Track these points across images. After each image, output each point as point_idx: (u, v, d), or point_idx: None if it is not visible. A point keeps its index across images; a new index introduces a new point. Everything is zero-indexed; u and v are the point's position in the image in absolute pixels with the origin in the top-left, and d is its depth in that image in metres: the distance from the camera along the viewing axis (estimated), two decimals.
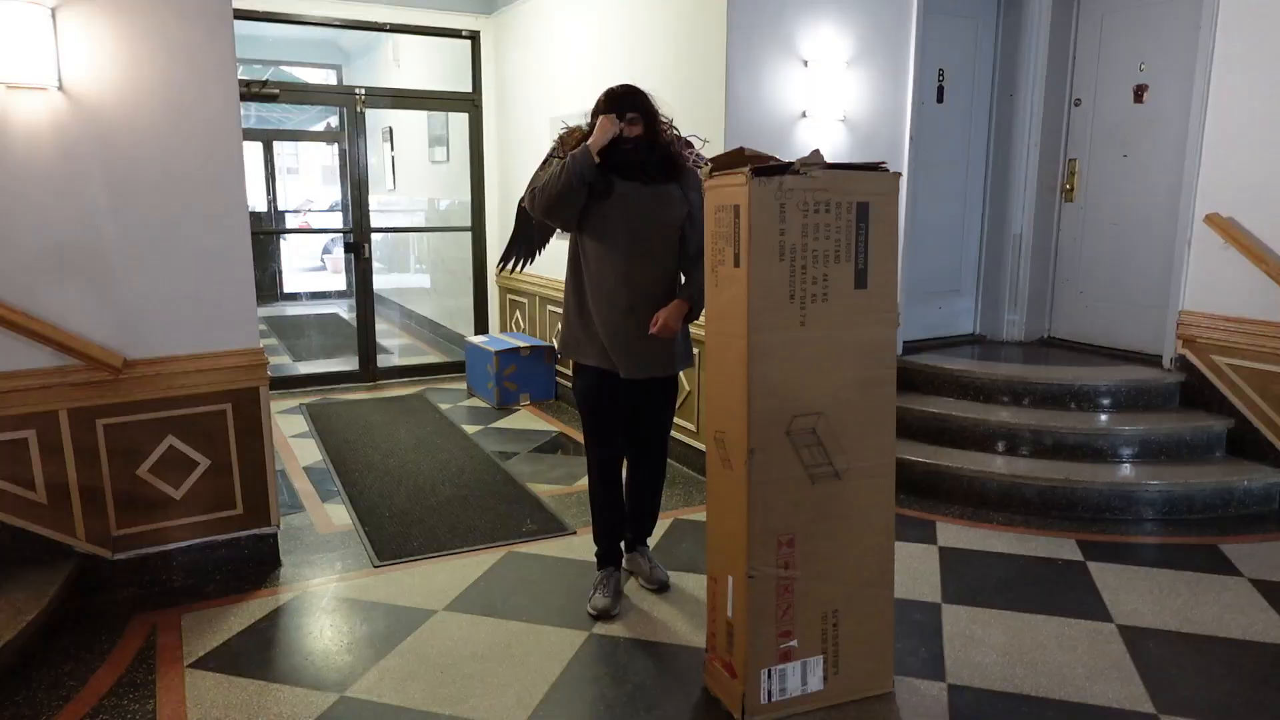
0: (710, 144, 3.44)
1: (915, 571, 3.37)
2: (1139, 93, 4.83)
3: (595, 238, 2.85)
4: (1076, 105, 5.15)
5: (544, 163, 3.06)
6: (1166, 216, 4.60)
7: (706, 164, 2.39)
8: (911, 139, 4.65)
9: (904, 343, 4.87)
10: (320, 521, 3.88)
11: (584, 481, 4.41)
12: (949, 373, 4.65)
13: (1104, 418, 4.30)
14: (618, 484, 3.13)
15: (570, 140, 2.98)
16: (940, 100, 5.12)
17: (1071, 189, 5.21)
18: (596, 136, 2.77)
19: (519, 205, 3.20)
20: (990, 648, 2.80)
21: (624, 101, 2.80)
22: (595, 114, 2.81)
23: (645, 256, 2.85)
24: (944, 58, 5.07)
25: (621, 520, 3.18)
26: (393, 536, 3.68)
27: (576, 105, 5.46)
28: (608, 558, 3.16)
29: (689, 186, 2.86)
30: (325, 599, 3.14)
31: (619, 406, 3.00)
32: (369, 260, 6.56)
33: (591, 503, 3.15)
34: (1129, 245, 4.93)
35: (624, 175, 2.79)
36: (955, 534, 3.73)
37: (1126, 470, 4.05)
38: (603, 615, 2.99)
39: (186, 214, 3.10)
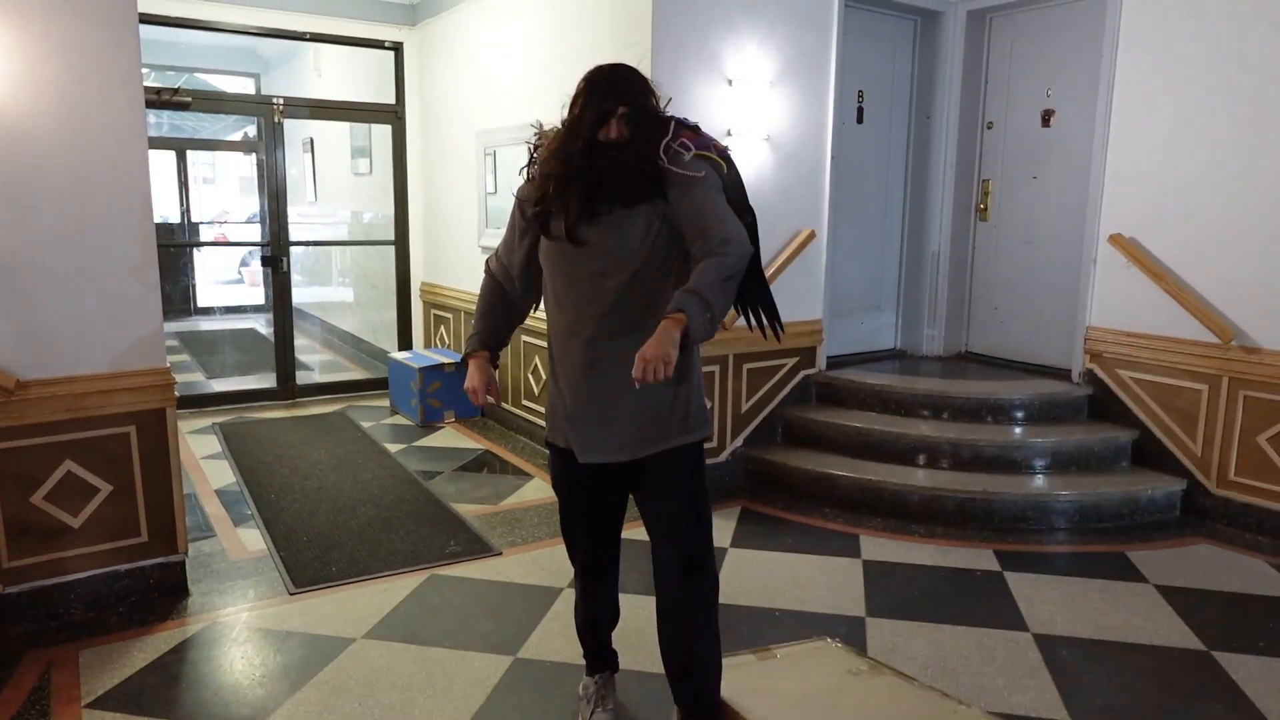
0: None
1: (840, 586, 3.40)
2: (1047, 117, 5.03)
3: (548, 283, 2.23)
4: (989, 128, 5.34)
5: (524, 184, 2.35)
6: (1074, 236, 4.78)
7: (700, 147, 2.10)
8: (833, 158, 4.74)
9: (827, 358, 4.94)
10: (233, 547, 3.73)
11: (512, 500, 4.36)
12: (871, 387, 4.74)
13: (1018, 430, 4.43)
14: (600, 585, 2.46)
15: (547, 145, 2.22)
16: (860, 121, 5.24)
17: (985, 208, 5.39)
18: (466, 387, 2.24)
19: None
20: (913, 660, 2.84)
21: (610, 89, 2.05)
22: (574, 102, 2.10)
23: (609, 303, 2.08)
24: (864, 80, 5.19)
25: (602, 615, 2.50)
26: (310, 561, 3.55)
27: (502, 119, 5.42)
28: (596, 661, 2.53)
29: (669, 185, 2.07)
30: (237, 629, 3.01)
31: (597, 496, 2.29)
32: (287, 274, 6.37)
33: (575, 611, 2.56)
34: (1040, 263, 5.12)
35: (588, 204, 2.05)
36: (878, 547, 3.79)
37: (1040, 481, 4.18)
38: None
39: (87, 226, 2.95)
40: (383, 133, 6.86)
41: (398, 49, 6.55)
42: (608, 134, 2.03)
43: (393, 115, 6.65)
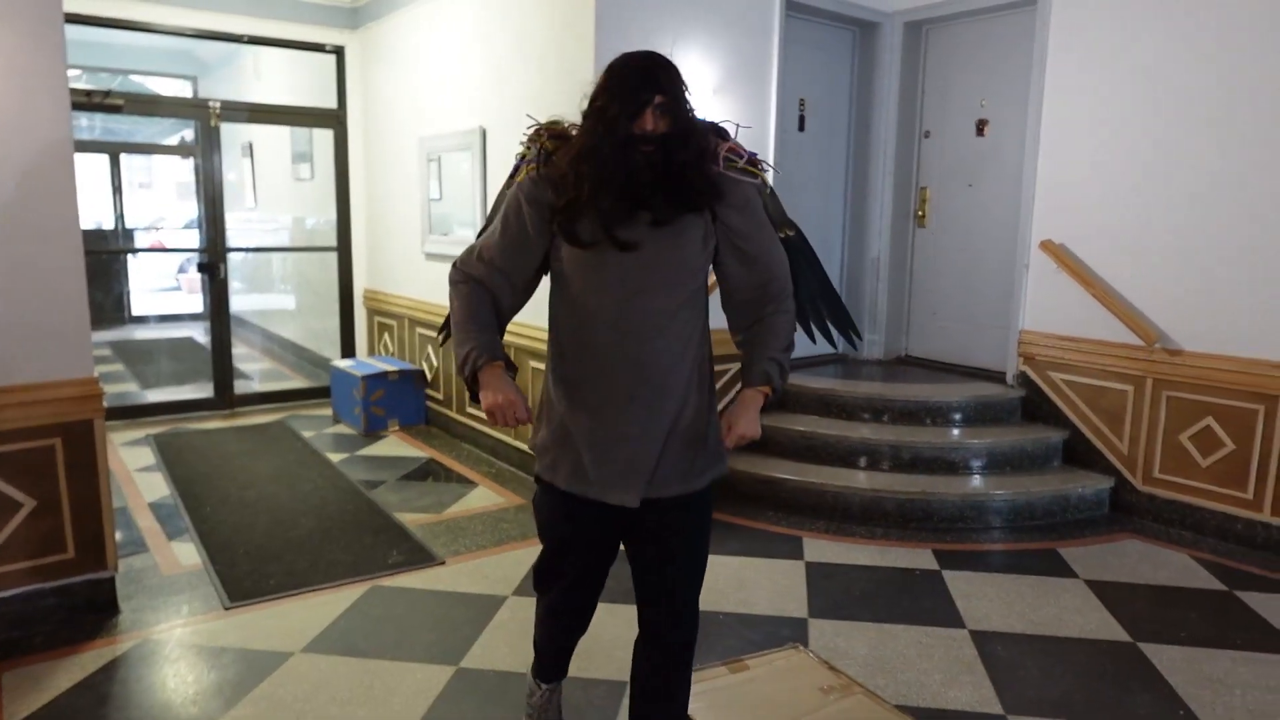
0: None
1: (783, 588, 3.44)
2: (981, 126, 5.16)
3: (573, 299, 1.88)
4: (926, 137, 5.46)
5: (504, 187, 2.13)
6: (1007, 243, 4.92)
7: (748, 163, 1.92)
8: (775, 166, 4.80)
9: None
10: (166, 562, 3.63)
11: (456, 509, 4.32)
12: (814, 391, 4.80)
13: (956, 432, 4.53)
14: (581, 620, 2.18)
15: (551, 142, 1.93)
16: (801, 129, 5.32)
17: (923, 215, 5.51)
18: (492, 404, 1.84)
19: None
20: (854, 659, 2.89)
21: (645, 77, 1.78)
22: (601, 91, 1.81)
23: (651, 326, 1.84)
24: (804, 89, 5.27)
25: (575, 640, 2.22)
26: (247, 575, 3.48)
27: (445, 125, 5.39)
28: (551, 671, 2.26)
29: (725, 205, 1.87)
30: (169, 646, 2.93)
31: (601, 543, 2.01)
32: (225, 281, 6.23)
33: (536, 622, 2.24)
34: (975, 269, 5.25)
35: (627, 207, 1.79)
36: (821, 549, 3.84)
37: (976, 481, 4.28)
38: None
39: (9, 232, 2.86)
40: (324, 137, 6.76)
41: (339, 53, 6.46)
42: (642, 126, 1.77)
43: (334, 120, 6.56)
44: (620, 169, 1.76)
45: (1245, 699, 2.68)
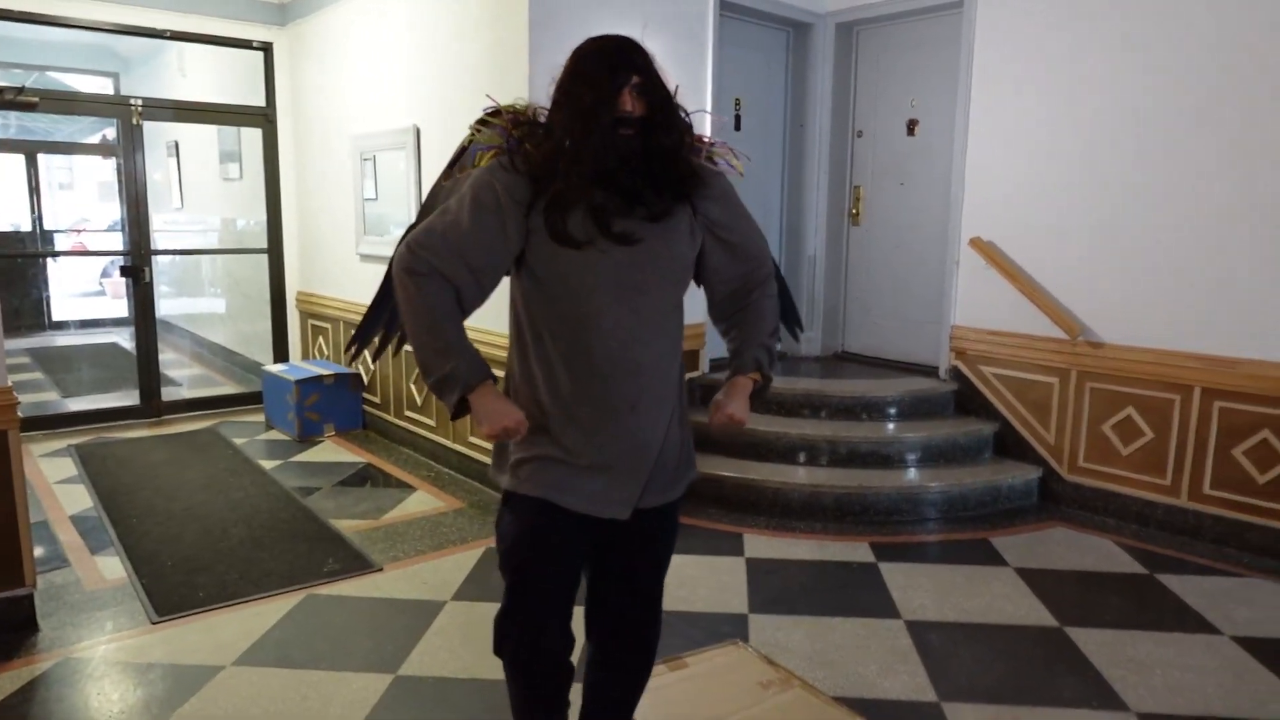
0: None
1: (724, 584, 3.47)
2: (911, 126, 5.27)
3: (562, 304, 1.71)
4: (859, 136, 5.55)
5: (443, 177, 2.00)
6: (938, 240, 5.03)
7: (711, 149, 1.90)
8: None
9: (710, 360, 5.03)
10: (89, 576, 3.50)
11: (394, 514, 4.25)
12: None
13: (891, 427, 4.62)
14: (559, 674, 1.91)
15: (517, 129, 1.80)
16: (738, 128, 5.36)
17: (857, 214, 5.60)
18: (501, 432, 1.71)
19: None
20: (794, 653, 2.92)
21: (621, 56, 1.71)
22: (571, 76, 1.72)
23: (651, 327, 1.75)
24: (740, 89, 5.31)
25: (562, 687, 1.93)
26: (175, 588, 3.37)
27: (378, 123, 5.30)
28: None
29: (703, 197, 1.79)
30: (92, 664, 2.82)
31: (577, 564, 1.86)
32: (150, 284, 6.03)
33: (514, 706, 1.96)
34: (908, 266, 5.35)
35: (620, 200, 1.68)
36: (762, 545, 3.88)
37: (912, 475, 4.37)
38: None
39: None
40: (253, 136, 6.59)
41: (267, 49, 6.30)
42: (621, 108, 1.67)
43: (263, 118, 6.40)
44: (610, 158, 1.65)
45: (1165, 678, 2.78)
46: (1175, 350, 3.97)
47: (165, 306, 8.45)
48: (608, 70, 1.68)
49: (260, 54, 6.33)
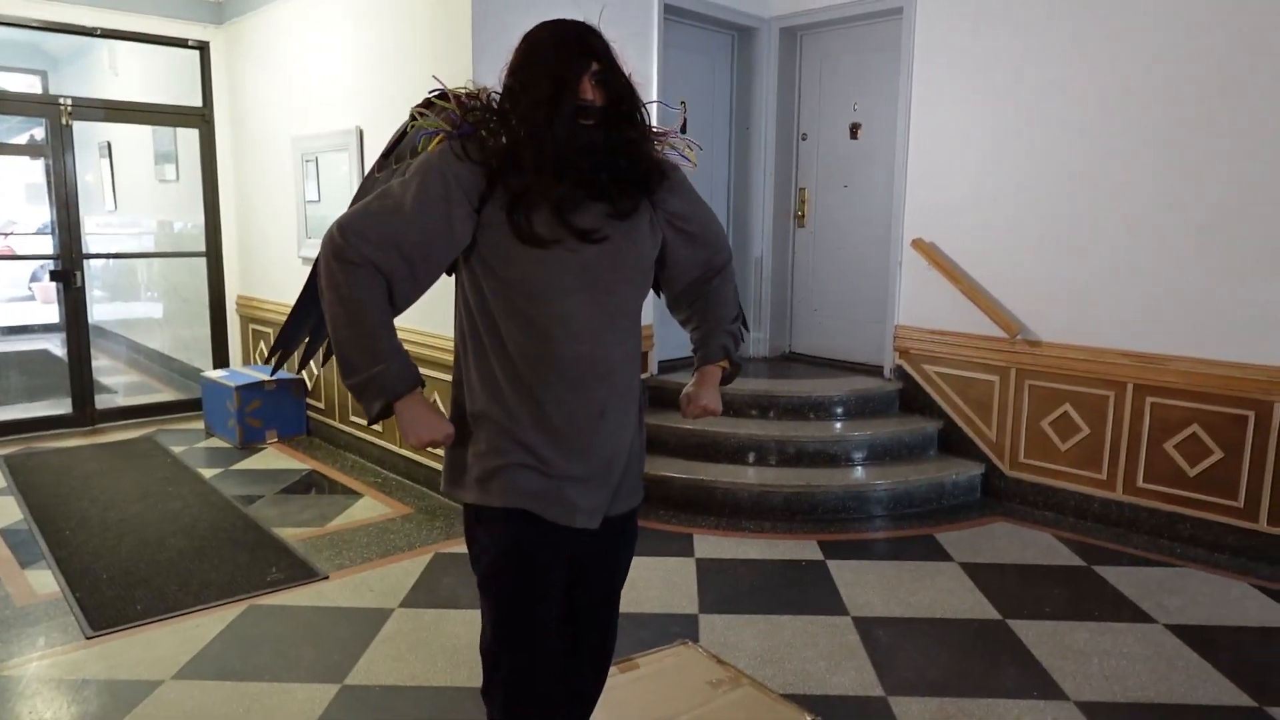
0: None
1: (674, 585, 3.47)
2: (854, 130, 5.35)
3: (524, 307, 1.59)
4: (804, 139, 5.62)
5: (382, 160, 1.87)
6: (882, 241, 5.11)
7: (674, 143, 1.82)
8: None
9: (659, 362, 5.05)
10: (19, 592, 3.37)
11: (340, 521, 4.18)
12: None
13: (838, 426, 4.68)
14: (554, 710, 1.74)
15: (471, 115, 1.66)
16: (684, 131, 5.39)
17: (803, 215, 5.67)
18: (429, 442, 1.63)
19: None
20: (743, 652, 2.94)
21: (581, 43, 1.61)
22: (526, 63, 1.62)
23: (619, 330, 1.68)
24: (686, 92, 5.34)
25: None
26: (111, 601, 3.27)
27: (320, 124, 5.20)
28: None
29: (666, 190, 1.73)
30: (24, 682, 2.72)
31: (561, 580, 1.73)
32: (82, 289, 5.84)
33: None
34: (853, 267, 5.43)
35: (584, 194, 1.59)
36: (712, 545, 3.89)
37: (859, 473, 4.43)
38: None
39: None
40: (190, 137, 6.43)
41: (203, 48, 6.15)
42: (581, 97, 1.58)
43: (200, 119, 6.24)
44: (572, 151, 1.55)
45: (1102, 666, 2.86)
46: (1109, 348, 4.10)
47: (99, 311, 8.18)
48: (567, 56, 1.58)
49: (196, 53, 6.18)
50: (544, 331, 1.59)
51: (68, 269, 5.76)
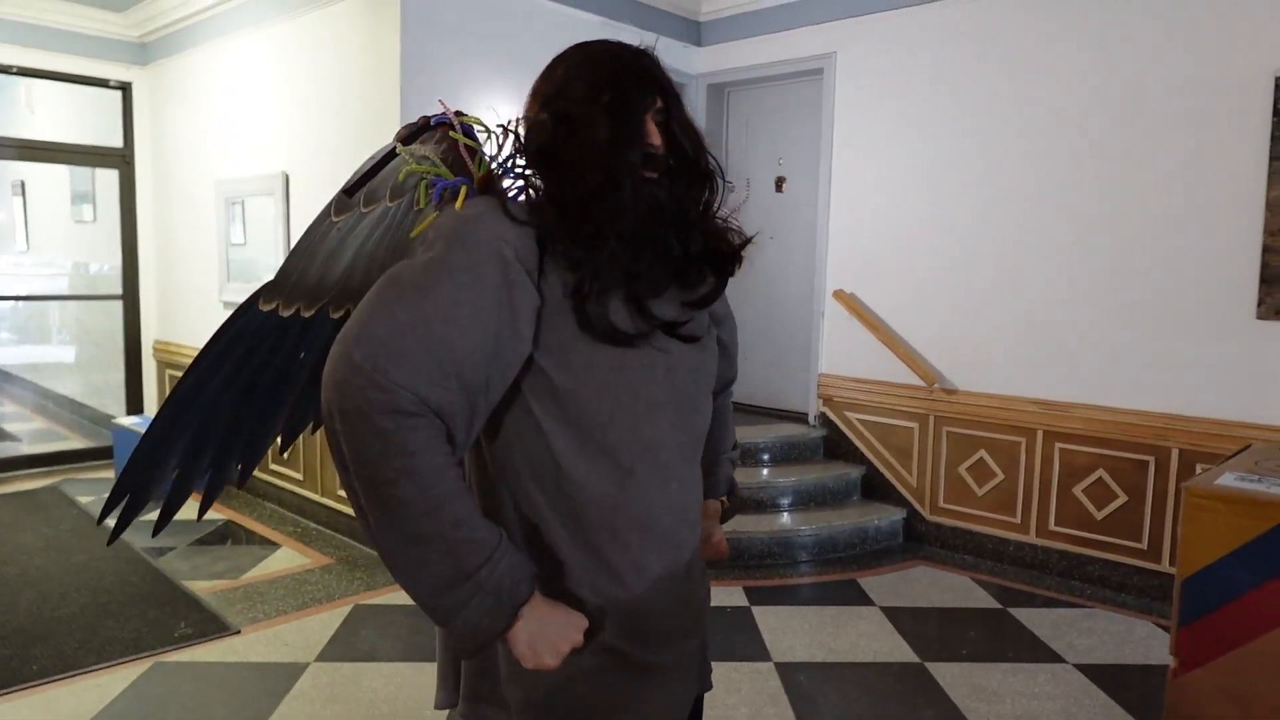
0: None
1: None
2: (780, 183, 5.52)
3: (606, 436, 1.14)
4: (731, 191, 5.75)
5: (345, 198, 1.43)
6: (806, 291, 5.25)
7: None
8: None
9: None
10: None
11: (255, 572, 4.04)
12: None
13: (765, 472, 4.75)
14: None
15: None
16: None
17: None
18: (553, 644, 1.08)
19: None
20: None
21: (643, 75, 1.19)
22: (570, 85, 1.17)
23: (696, 459, 1.27)
24: None
25: None
26: (5, 661, 3.09)
27: (245, 168, 5.15)
28: None
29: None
30: None
31: None
32: None
33: None
34: (779, 316, 5.56)
35: (657, 275, 1.17)
36: None
37: (785, 519, 4.49)
38: None
39: None
40: (109, 178, 6.28)
41: (126, 89, 6.05)
42: (649, 140, 1.18)
43: (120, 159, 6.11)
44: (645, 212, 1.14)
45: (1014, 706, 2.93)
46: (1019, 396, 4.26)
47: (4, 355, 7.85)
48: (631, 85, 1.16)
49: (119, 93, 6.07)
50: (627, 469, 1.14)
51: None
